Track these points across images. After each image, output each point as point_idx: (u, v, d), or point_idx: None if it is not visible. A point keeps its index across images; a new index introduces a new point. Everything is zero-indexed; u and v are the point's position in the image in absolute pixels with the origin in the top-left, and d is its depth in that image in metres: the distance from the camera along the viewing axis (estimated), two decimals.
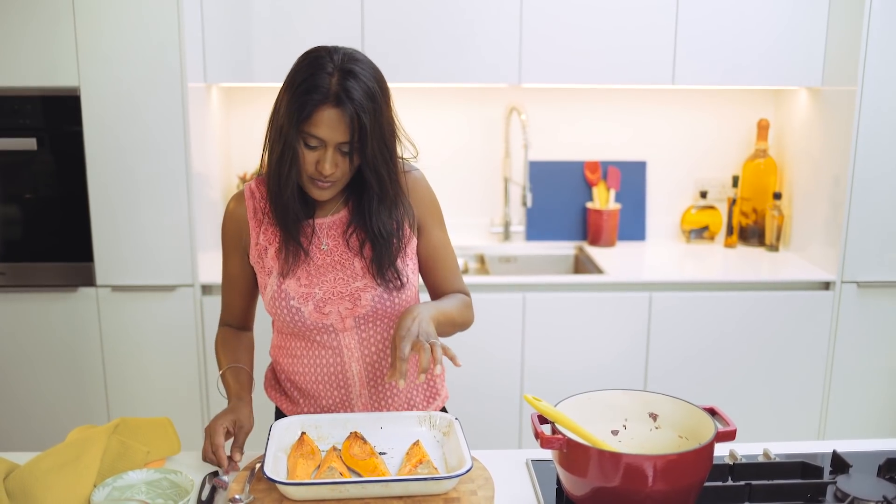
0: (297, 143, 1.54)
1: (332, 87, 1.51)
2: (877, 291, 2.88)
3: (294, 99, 1.52)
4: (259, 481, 1.42)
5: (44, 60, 2.61)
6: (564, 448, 1.36)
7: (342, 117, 1.52)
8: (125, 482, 1.42)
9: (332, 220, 1.68)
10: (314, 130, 1.52)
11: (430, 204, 1.74)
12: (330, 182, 1.58)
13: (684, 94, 3.29)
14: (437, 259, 1.75)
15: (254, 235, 1.68)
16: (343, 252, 1.66)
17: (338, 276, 1.65)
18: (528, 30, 2.86)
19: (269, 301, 1.67)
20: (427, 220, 1.73)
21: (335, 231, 1.67)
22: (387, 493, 1.36)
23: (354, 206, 1.66)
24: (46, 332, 2.78)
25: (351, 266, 1.65)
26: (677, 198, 3.38)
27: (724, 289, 2.87)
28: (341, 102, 1.51)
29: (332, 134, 1.52)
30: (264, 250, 1.67)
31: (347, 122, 1.52)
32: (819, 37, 2.91)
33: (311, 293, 1.64)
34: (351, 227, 1.66)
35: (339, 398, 1.71)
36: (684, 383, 2.90)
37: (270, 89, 3.17)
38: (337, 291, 1.64)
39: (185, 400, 2.83)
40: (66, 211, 2.73)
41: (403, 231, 1.67)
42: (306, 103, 1.51)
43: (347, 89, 1.51)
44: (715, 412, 1.47)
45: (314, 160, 1.55)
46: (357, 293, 1.64)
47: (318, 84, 1.51)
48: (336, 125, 1.52)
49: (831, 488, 1.48)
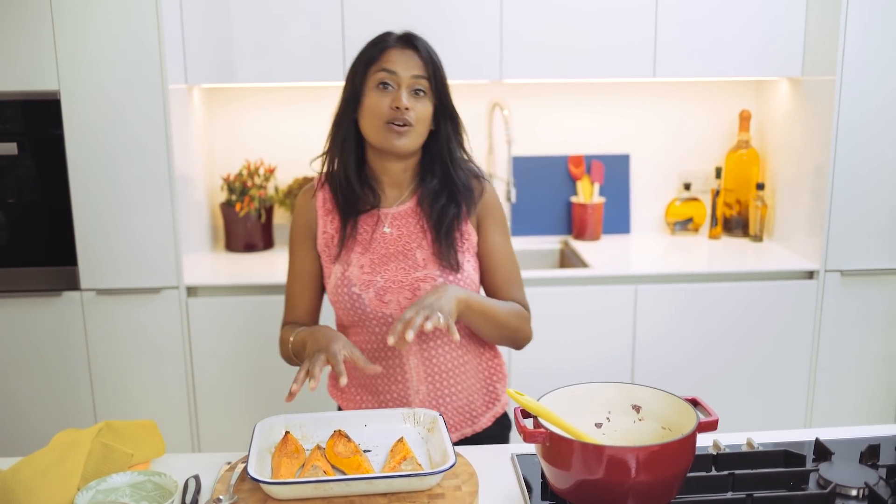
0: (369, 89, 1.62)
1: (397, 37, 1.65)
2: (860, 280, 2.90)
3: (360, 57, 1.65)
4: (243, 481, 1.42)
5: (23, 64, 2.59)
6: (547, 442, 1.37)
7: (413, 55, 1.63)
8: (109, 485, 1.42)
9: (397, 211, 1.72)
10: (386, 65, 1.61)
11: (496, 209, 1.79)
12: (408, 125, 1.62)
13: (666, 86, 3.30)
14: (495, 263, 1.77)
15: (321, 224, 1.73)
16: (406, 242, 1.70)
17: (399, 266, 1.68)
18: (509, 24, 2.87)
19: (333, 289, 1.71)
20: (489, 222, 1.77)
21: (399, 220, 1.71)
22: (371, 490, 1.36)
23: (420, 196, 1.72)
24: (31, 336, 2.77)
25: (412, 256, 1.69)
26: (661, 190, 3.39)
27: (709, 280, 2.89)
28: (409, 43, 1.63)
29: (404, 67, 1.61)
30: (331, 238, 1.72)
31: (418, 59, 1.62)
32: (798, 27, 2.93)
33: (372, 280, 1.67)
34: (416, 215, 1.71)
35: (399, 393, 1.72)
36: (671, 375, 2.91)
37: (253, 90, 3.19)
38: (398, 280, 1.67)
39: (172, 402, 2.83)
40: (49, 215, 2.71)
41: (464, 221, 1.72)
42: (374, 48, 1.63)
43: (413, 36, 1.65)
44: (697, 403, 1.48)
45: (388, 102, 1.61)
46: (417, 283, 1.67)
47: (384, 36, 1.65)
48: (408, 60, 1.62)
49: (814, 476, 1.49)
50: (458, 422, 1.77)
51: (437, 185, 1.70)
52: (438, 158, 1.70)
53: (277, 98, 3.21)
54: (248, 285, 2.79)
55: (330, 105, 3.18)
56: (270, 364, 2.83)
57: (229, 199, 3.09)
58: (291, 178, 3.22)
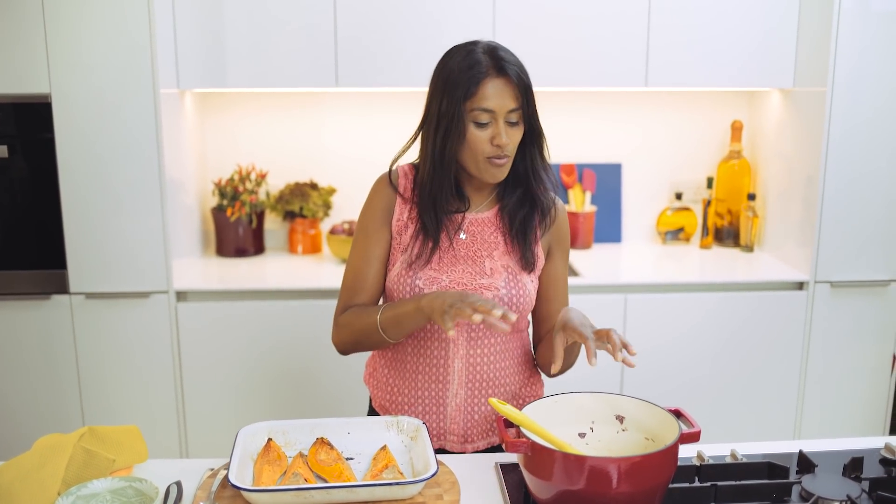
0: (466, 125, 1.61)
1: (489, 61, 1.61)
2: (850, 291, 2.91)
3: (454, 83, 1.61)
4: (224, 488, 1.42)
5: (14, 67, 2.59)
6: (529, 452, 1.37)
7: (507, 84, 1.61)
8: (89, 490, 1.41)
9: (475, 217, 1.74)
10: (483, 104, 1.60)
11: (565, 235, 1.81)
12: (507, 157, 1.64)
13: (659, 96, 3.31)
14: (556, 292, 1.80)
15: (398, 211, 1.73)
16: (478, 248, 1.72)
17: (466, 269, 1.70)
18: (501, 33, 2.87)
19: (395, 277, 1.71)
20: (556, 249, 1.80)
21: (475, 227, 1.73)
22: (352, 498, 1.36)
23: (502, 205, 1.74)
24: (20, 340, 2.76)
25: (481, 264, 1.71)
26: (653, 200, 3.40)
27: (699, 290, 2.89)
28: (502, 71, 1.61)
29: (500, 102, 1.61)
30: (404, 227, 1.72)
31: (513, 88, 1.61)
32: (790, 38, 2.93)
33: (437, 278, 1.68)
34: (493, 224, 1.73)
35: (436, 393, 1.72)
36: (660, 385, 2.91)
37: (245, 95, 3.19)
38: (462, 283, 1.68)
39: (160, 407, 2.82)
40: (40, 218, 2.71)
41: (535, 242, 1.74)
42: (470, 80, 1.60)
43: (502, 58, 1.62)
44: (680, 414, 1.48)
45: (487, 138, 1.62)
46: (480, 290, 1.68)
47: (475, 61, 1.61)
48: (502, 93, 1.61)
49: (797, 488, 1.49)
50: (483, 431, 1.76)
51: (520, 195, 1.74)
52: (523, 172, 1.72)
53: (269, 103, 3.21)
54: (237, 290, 2.78)
55: (321, 111, 3.21)
56: (260, 369, 2.83)
57: (220, 204, 3.09)
58: (283, 184, 3.22)
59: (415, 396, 1.74)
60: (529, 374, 1.83)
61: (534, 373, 1.84)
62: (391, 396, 1.77)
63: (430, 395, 1.73)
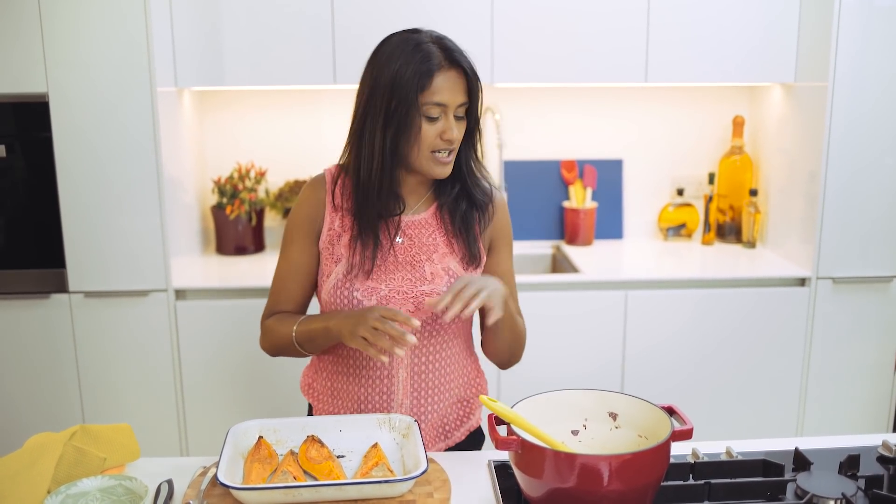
0: (418, 118, 1.54)
1: (440, 52, 1.55)
2: (852, 287, 2.88)
3: (404, 76, 1.52)
4: (214, 486, 1.41)
5: (11, 67, 2.59)
6: (519, 449, 1.35)
7: (459, 77, 1.56)
8: (79, 489, 1.41)
9: (410, 220, 1.67)
10: (436, 97, 1.54)
11: (507, 227, 1.77)
12: (453, 151, 1.59)
13: (660, 91, 3.29)
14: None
15: (328, 220, 1.66)
16: (416, 253, 1.66)
17: (405, 276, 1.64)
18: (500, 28, 2.86)
19: (331, 289, 1.64)
20: (499, 243, 1.76)
21: (411, 230, 1.67)
22: (341, 496, 1.35)
23: (439, 205, 1.69)
24: (19, 339, 2.76)
25: (420, 269, 1.65)
26: (654, 196, 3.38)
27: (701, 286, 2.87)
28: (455, 63, 1.55)
29: (452, 96, 1.55)
30: (337, 237, 1.65)
31: (464, 81, 1.57)
32: (791, 32, 2.91)
33: (376, 288, 1.62)
34: (431, 226, 1.67)
35: (382, 404, 1.69)
36: (661, 381, 2.89)
37: (244, 93, 3.19)
38: (402, 291, 1.63)
39: (160, 405, 2.82)
40: (38, 217, 2.71)
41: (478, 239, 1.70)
42: (423, 73, 1.52)
43: (452, 49, 1.56)
44: (673, 411, 1.47)
45: (436, 133, 1.56)
46: (422, 297, 1.63)
47: (427, 52, 1.54)
48: (454, 86, 1.55)
49: (791, 486, 1.48)
50: (433, 437, 1.75)
51: (456, 194, 1.68)
52: (458, 168, 1.67)
53: (268, 101, 3.21)
54: (236, 288, 2.78)
55: (319, 109, 3.20)
56: (258, 367, 2.82)
57: (220, 202, 3.09)
58: (282, 181, 3.22)
59: (358, 409, 1.70)
60: (475, 374, 1.81)
61: (479, 372, 1.83)
62: (333, 409, 1.74)
63: (375, 407, 1.69)
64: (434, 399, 1.72)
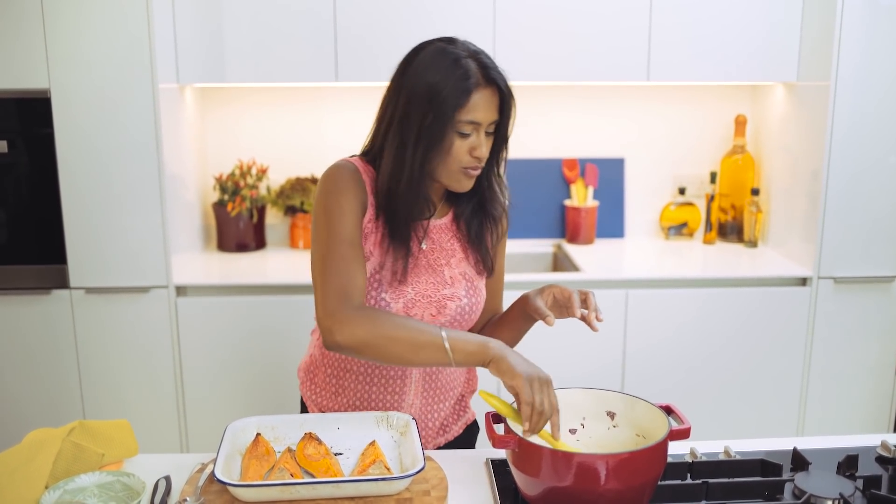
0: (452, 134, 1.51)
1: (478, 69, 1.51)
2: (853, 287, 2.88)
3: (442, 93, 1.48)
4: (211, 483, 1.41)
5: (13, 63, 2.60)
6: (516, 448, 1.36)
7: (494, 95, 1.53)
8: (77, 485, 1.41)
9: (433, 225, 1.66)
10: (472, 115, 1.50)
11: (505, 234, 1.78)
12: (481, 167, 1.57)
13: (662, 90, 3.28)
14: (497, 283, 1.79)
15: (370, 211, 1.59)
16: (437, 257, 1.65)
17: (429, 280, 1.63)
18: (502, 27, 2.85)
19: None
20: (499, 248, 1.77)
21: (433, 235, 1.66)
22: (338, 493, 1.35)
23: (456, 213, 1.68)
24: (20, 334, 2.77)
25: (441, 273, 1.65)
26: (656, 194, 3.38)
27: (702, 285, 2.87)
28: (491, 81, 1.52)
29: (487, 114, 1.52)
30: (371, 232, 1.59)
31: (498, 99, 1.54)
32: (794, 32, 2.91)
33: (404, 291, 1.60)
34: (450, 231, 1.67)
35: (391, 404, 1.69)
36: (661, 381, 2.89)
37: (246, 90, 3.19)
38: (427, 295, 1.62)
39: (160, 401, 2.82)
40: (39, 213, 2.71)
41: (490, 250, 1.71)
42: (462, 91, 1.48)
43: (488, 66, 1.52)
44: (671, 410, 1.47)
45: (467, 149, 1.53)
46: (444, 301, 1.63)
47: (466, 69, 1.50)
48: (489, 104, 1.52)
49: (789, 486, 1.48)
50: (433, 434, 1.75)
51: (475, 204, 1.67)
52: (476, 183, 1.63)
53: (270, 98, 3.21)
54: (237, 285, 2.78)
55: (321, 106, 3.20)
56: (260, 364, 2.82)
57: (221, 199, 3.09)
58: (284, 179, 3.22)
59: (362, 408, 1.69)
60: (469, 373, 1.82)
61: (472, 371, 1.83)
62: (333, 407, 1.72)
63: (383, 407, 1.69)
64: (440, 399, 1.73)
